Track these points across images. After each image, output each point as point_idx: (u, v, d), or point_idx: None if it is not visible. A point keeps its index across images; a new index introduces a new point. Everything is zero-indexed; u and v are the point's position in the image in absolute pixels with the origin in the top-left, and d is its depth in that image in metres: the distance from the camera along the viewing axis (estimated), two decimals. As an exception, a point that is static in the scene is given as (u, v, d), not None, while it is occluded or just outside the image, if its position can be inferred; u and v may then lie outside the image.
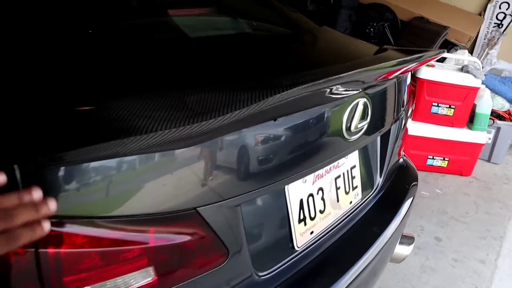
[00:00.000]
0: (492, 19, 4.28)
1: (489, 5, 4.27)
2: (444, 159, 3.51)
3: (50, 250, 0.60)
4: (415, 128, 3.43)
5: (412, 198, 1.56)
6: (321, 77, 0.77)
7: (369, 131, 1.18)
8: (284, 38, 1.44)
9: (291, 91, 0.70)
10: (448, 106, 3.39)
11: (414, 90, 1.58)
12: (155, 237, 0.70)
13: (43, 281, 0.61)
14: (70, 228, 0.62)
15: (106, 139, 0.55)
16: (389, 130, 1.37)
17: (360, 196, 1.29)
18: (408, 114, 1.56)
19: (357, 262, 1.15)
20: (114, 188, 0.65)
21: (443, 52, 1.30)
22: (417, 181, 1.68)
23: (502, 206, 3.15)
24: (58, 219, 0.60)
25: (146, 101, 0.65)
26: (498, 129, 3.72)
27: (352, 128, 1.05)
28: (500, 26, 4.21)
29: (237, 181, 0.82)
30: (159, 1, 1.35)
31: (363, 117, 1.09)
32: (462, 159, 3.50)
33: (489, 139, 3.74)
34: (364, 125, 1.10)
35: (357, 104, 1.05)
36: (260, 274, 0.94)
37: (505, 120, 3.77)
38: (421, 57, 1.13)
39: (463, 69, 3.37)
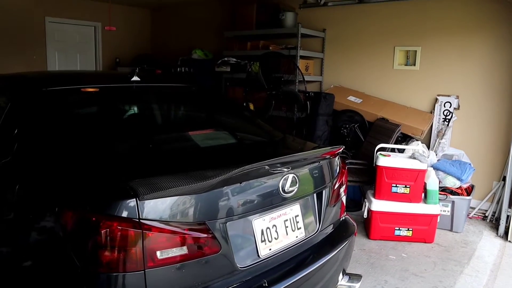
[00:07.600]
0: (440, 116, 5.33)
1: (436, 105, 5.35)
2: (408, 229, 4.28)
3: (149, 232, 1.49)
4: (381, 205, 4.26)
5: (346, 243, 2.38)
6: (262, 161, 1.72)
7: (300, 193, 2.06)
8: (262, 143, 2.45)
9: (242, 168, 1.63)
10: (404, 185, 4.26)
11: (344, 172, 2.49)
12: (189, 233, 1.57)
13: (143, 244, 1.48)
14: (155, 224, 1.51)
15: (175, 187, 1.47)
16: (321, 193, 2.25)
17: (303, 234, 2.13)
18: (338, 185, 2.43)
19: (298, 272, 1.97)
20: (174, 209, 1.56)
21: (340, 148, 2.26)
22: (354, 233, 2.51)
23: (456, 264, 3.83)
24: (153, 221, 1.50)
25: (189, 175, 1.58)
26: (453, 203, 4.54)
27: (286, 190, 1.95)
28: (446, 120, 5.25)
29: (226, 209, 1.71)
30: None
31: (294, 184, 1.99)
32: (423, 228, 4.26)
33: (447, 211, 4.55)
34: (294, 189, 2.00)
35: (288, 176, 1.96)
36: (240, 267, 1.78)
37: (458, 195, 4.61)
38: (318, 151, 2.10)
39: (411, 156, 4.32)
